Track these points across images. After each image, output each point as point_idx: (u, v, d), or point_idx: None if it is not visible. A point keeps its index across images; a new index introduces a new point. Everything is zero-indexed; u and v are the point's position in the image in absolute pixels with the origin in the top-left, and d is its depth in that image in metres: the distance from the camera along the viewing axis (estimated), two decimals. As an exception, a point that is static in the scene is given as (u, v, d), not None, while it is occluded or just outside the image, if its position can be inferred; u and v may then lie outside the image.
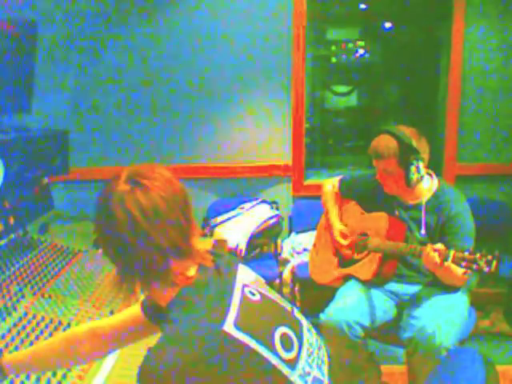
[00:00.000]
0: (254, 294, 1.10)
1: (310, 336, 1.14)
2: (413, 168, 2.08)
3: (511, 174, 3.32)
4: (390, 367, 2.55)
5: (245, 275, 1.15)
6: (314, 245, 2.61)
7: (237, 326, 1.01)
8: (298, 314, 1.19)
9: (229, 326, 1.00)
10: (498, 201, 3.25)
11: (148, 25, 3.23)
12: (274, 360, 1.02)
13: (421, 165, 2.10)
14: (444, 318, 2.01)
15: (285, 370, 1.03)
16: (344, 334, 2.08)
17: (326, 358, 1.16)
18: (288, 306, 1.18)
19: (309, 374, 1.07)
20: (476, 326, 2.31)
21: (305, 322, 1.17)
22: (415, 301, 2.15)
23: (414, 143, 2.08)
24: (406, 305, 2.20)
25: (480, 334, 2.92)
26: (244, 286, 1.10)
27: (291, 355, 1.06)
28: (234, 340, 0.99)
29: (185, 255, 1.07)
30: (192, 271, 1.08)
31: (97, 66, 3.26)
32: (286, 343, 1.06)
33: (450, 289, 2.11)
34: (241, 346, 0.99)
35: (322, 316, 2.16)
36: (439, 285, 2.13)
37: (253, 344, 1.01)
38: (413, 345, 2.00)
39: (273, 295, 1.16)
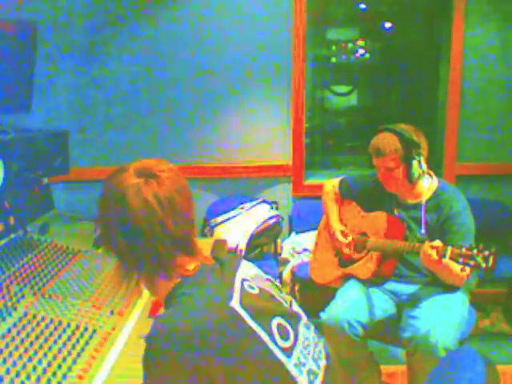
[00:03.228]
0: (252, 288, 1.12)
1: (306, 331, 1.15)
2: (415, 163, 2.09)
3: (511, 173, 3.32)
4: (389, 367, 2.55)
5: (246, 270, 1.17)
6: (316, 245, 2.62)
7: (242, 305, 1.03)
8: (297, 309, 1.20)
9: (235, 303, 1.03)
10: (498, 201, 3.25)
11: (148, 25, 3.23)
12: (271, 345, 1.04)
13: (422, 159, 2.10)
14: (444, 318, 2.01)
15: (281, 356, 1.04)
16: (344, 333, 2.08)
17: (323, 355, 1.17)
18: (287, 301, 1.19)
19: (304, 364, 1.08)
20: (476, 326, 2.31)
21: (304, 317, 1.18)
22: (415, 301, 2.15)
23: (415, 138, 2.09)
24: (405, 305, 2.20)
25: (480, 333, 2.92)
26: (243, 280, 1.12)
27: (287, 344, 1.07)
28: (239, 317, 1.02)
29: (190, 251, 1.09)
30: (192, 266, 1.10)
31: (97, 66, 3.26)
32: (282, 332, 1.08)
33: (450, 289, 2.11)
34: (245, 324, 1.02)
35: (323, 315, 2.16)
36: (439, 285, 2.13)
37: (254, 326, 1.02)
38: (413, 345, 2.00)
39: (272, 290, 1.17)
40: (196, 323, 0.97)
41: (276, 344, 1.04)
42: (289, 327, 1.10)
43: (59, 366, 1.34)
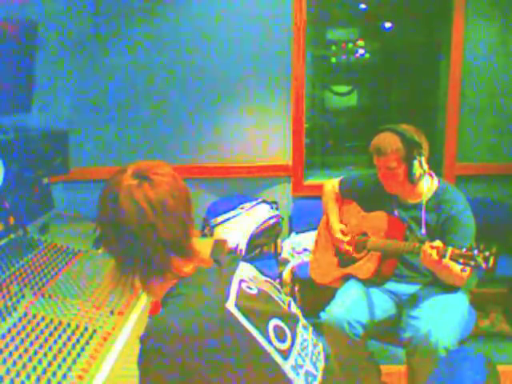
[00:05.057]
0: (251, 288, 1.12)
1: (304, 332, 1.15)
2: (416, 163, 2.09)
3: (511, 174, 3.32)
4: (389, 367, 2.55)
5: (244, 271, 1.17)
6: (316, 244, 2.62)
7: (237, 306, 1.03)
8: (295, 310, 1.19)
9: (230, 305, 1.02)
10: (498, 201, 3.25)
11: (148, 25, 3.23)
12: (267, 347, 1.03)
13: (423, 159, 2.10)
14: (444, 318, 2.01)
15: (277, 358, 1.04)
16: (344, 333, 2.08)
17: (322, 357, 1.16)
18: (286, 302, 1.19)
19: (301, 366, 1.08)
20: (476, 326, 2.31)
21: (302, 319, 1.18)
22: (415, 301, 2.15)
23: (416, 138, 2.09)
24: (405, 305, 2.20)
25: (480, 333, 2.92)
26: (241, 281, 1.12)
27: (284, 346, 1.07)
28: (234, 318, 1.01)
29: (185, 253, 1.09)
30: (189, 268, 1.10)
31: (97, 66, 3.26)
32: (279, 334, 1.07)
33: (450, 289, 2.11)
34: (240, 326, 1.01)
35: (323, 315, 2.16)
36: (439, 285, 2.13)
37: (250, 328, 1.02)
38: (413, 345, 2.00)
39: (271, 291, 1.17)
40: (190, 324, 0.97)
41: (272, 346, 1.04)
42: (286, 329, 1.10)
43: (59, 366, 1.33)
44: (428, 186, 2.19)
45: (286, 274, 3.16)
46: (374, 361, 2.32)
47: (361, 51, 4.58)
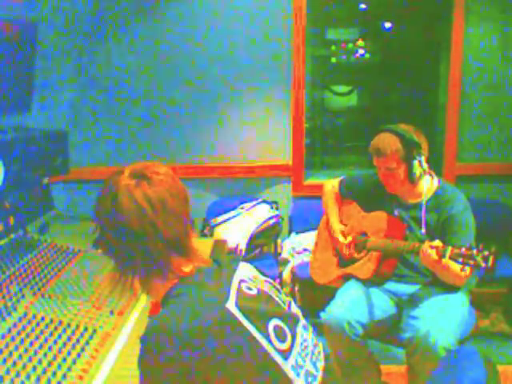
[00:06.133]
0: (250, 289, 1.12)
1: (304, 332, 1.15)
2: (416, 163, 2.09)
3: (511, 174, 3.32)
4: (389, 367, 2.55)
5: (244, 271, 1.17)
6: (316, 244, 2.62)
7: (237, 306, 1.03)
8: (295, 310, 1.19)
9: (231, 305, 1.02)
10: (498, 201, 3.25)
11: (148, 25, 3.23)
12: (268, 347, 1.03)
13: (423, 159, 2.10)
14: (444, 318, 2.01)
15: (278, 358, 1.04)
16: (344, 333, 2.08)
17: (322, 357, 1.16)
18: (286, 303, 1.19)
19: (301, 366, 1.08)
20: (476, 326, 2.31)
21: (302, 320, 1.18)
22: (415, 301, 2.15)
23: (416, 138, 2.09)
24: (405, 305, 2.20)
25: (480, 333, 2.92)
26: (241, 281, 1.12)
27: (284, 346, 1.06)
28: (234, 319, 1.01)
29: (185, 252, 1.09)
30: (189, 268, 1.10)
31: (97, 66, 3.26)
32: (279, 334, 1.07)
33: (450, 289, 2.11)
34: (240, 326, 1.01)
35: (323, 315, 2.16)
36: (439, 285, 2.13)
37: (250, 328, 1.02)
38: (413, 345, 2.00)
39: (271, 291, 1.17)
40: (190, 324, 0.97)
41: (273, 346, 1.04)
42: (286, 329, 1.10)
43: (59, 366, 1.33)
44: (428, 185, 2.19)
45: (286, 274, 3.16)
46: (374, 361, 2.32)
47: (361, 51, 4.59)
